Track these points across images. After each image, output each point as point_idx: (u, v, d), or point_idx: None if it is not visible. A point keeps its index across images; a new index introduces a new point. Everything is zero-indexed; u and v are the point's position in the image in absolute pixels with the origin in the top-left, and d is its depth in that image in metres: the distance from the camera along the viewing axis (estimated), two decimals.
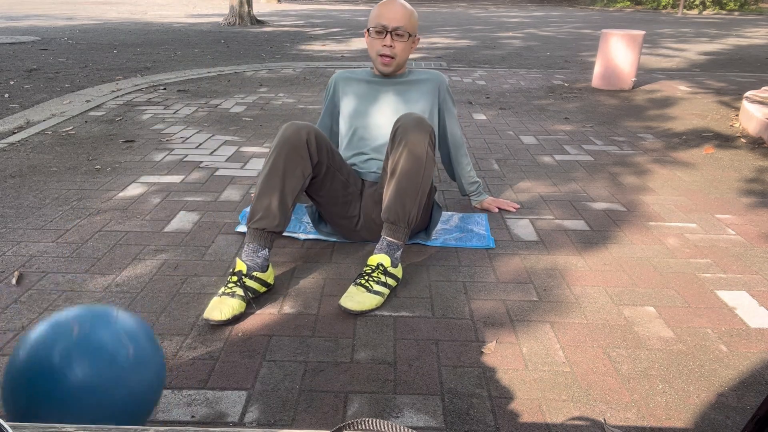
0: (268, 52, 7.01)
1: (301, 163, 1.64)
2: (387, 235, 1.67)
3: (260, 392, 1.27)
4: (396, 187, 1.63)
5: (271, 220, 1.61)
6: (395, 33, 1.83)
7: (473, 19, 13.08)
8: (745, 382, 1.33)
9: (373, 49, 1.89)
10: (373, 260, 1.64)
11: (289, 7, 16.16)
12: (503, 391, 1.29)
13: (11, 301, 1.60)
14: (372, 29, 1.86)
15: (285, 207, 1.63)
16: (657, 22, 13.04)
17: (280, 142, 1.64)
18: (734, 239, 2.07)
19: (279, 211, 1.61)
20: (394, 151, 1.66)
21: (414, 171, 1.62)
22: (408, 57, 1.93)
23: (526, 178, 2.68)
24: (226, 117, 3.71)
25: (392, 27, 1.82)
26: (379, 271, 1.61)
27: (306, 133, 1.65)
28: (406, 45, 1.88)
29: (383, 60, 1.88)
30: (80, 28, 9.10)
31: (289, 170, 1.62)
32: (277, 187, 1.61)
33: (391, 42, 1.84)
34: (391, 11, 1.82)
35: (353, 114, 1.99)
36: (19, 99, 4.18)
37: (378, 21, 1.83)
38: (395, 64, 1.90)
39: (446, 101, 2.06)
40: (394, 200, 1.63)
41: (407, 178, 1.62)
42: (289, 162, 1.62)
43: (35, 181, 2.49)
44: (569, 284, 1.75)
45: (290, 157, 1.63)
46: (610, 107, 4.23)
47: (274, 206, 1.61)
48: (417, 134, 1.62)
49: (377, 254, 1.65)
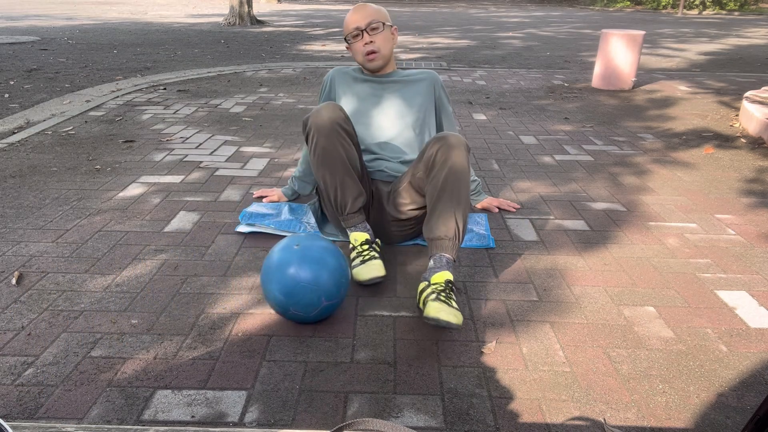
0: (268, 52, 7.01)
1: (349, 136, 1.76)
2: (445, 252, 1.60)
3: (260, 392, 1.27)
4: (447, 203, 1.61)
5: (360, 198, 1.77)
6: (369, 28, 1.88)
7: (473, 19, 13.08)
8: (745, 382, 1.33)
9: (357, 53, 1.94)
10: (439, 278, 1.54)
11: (289, 7, 16.16)
12: (503, 391, 1.29)
13: (11, 301, 1.60)
14: (349, 36, 1.92)
15: (359, 177, 1.79)
16: (657, 22, 13.04)
17: (320, 132, 1.72)
18: (734, 239, 2.07)
19: (360, 186, 1.78)
20: (439, 169, 1.63)
21: (463, 186, 1.62)
22: (392, 49, 1.96)
23: (526, 178, 2.68)
24: (226, 117, 3.71)
25: (364, 24, 1.88)
26: (449, 288, 1.53)
27: (336, 118, 1.74)
28: (385, 36, 1.92)
29: (369, 57, 1.92)
30: (80, 28, 9.10)
31: (345, 146, 1.74)
32: (345, 168, 1.73)
33: (370, 38, 1.89)
34: (357, 14, 1.89)
35: (353, 114, 2.00)
36: (19, 99, 4.18)
37: (350, 26, 1.90)
38: (381, 57, 1.93)
39: (441, 99, 2.07)
40: (447, 217, 1.60)
41: (458, 195, 1.61)
42: (341, 139, 1.73)
43: (35, 181, 2.49)
44: (569, 284, 1.75)
45: (340, 138, 1.73)
46: (610, 107, 4.23)
47: (356, 186, 1.76)
48: (458, 151, 1.63)
49: (441, 271, 1.56)
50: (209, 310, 1.58)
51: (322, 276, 1.45)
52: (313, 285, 1.44)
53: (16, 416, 1.19)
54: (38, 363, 1.35)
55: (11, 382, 1.28)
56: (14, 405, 1.22)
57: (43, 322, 1.51)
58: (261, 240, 2.00)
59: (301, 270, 1.44)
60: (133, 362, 1.36)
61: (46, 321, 1.51)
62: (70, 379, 1.30)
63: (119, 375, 1.32)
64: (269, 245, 1.97)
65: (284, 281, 1.44)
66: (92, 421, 1.18)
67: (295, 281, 1.43)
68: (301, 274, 1.43)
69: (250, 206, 2.24)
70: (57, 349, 1.40)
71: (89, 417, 1.19)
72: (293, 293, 1.43)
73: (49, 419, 1.19)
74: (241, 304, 1.62)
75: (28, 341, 1.43)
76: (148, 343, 1.44)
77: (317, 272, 1.45)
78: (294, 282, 1.43)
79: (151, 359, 1.37)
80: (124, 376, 1.31)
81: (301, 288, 1.43)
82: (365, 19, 1.88)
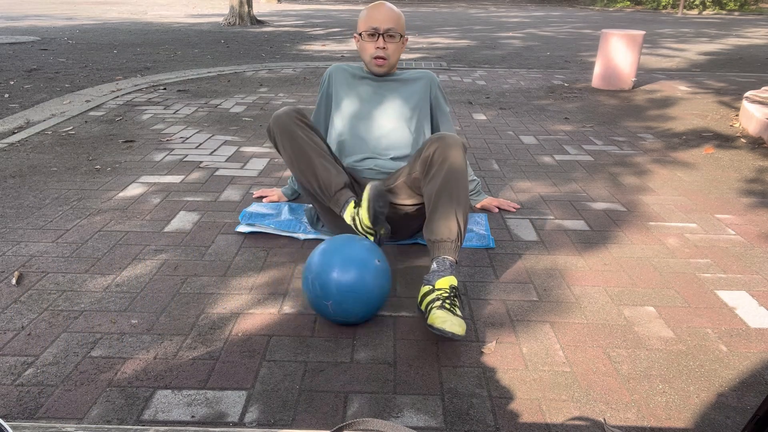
0: (268, 52, 7.01)
1: (312, 129, 1.82)
2: (448, 254, 1.57)
3: (260, 392, 1.27)
4: (447, 205, 1.59)
5: (340, 176, 1.75)
6: (387, 35, 1.86)
7: (473, 19, 13.08)
8: (745, 382, 1.33)
9: (365, 52, 1.91)
10: (444, 283, 1.51)
11: (289, 7, 16.16)
12: (503, 391, 1.29)
13: (11, 301, 1.60)
14: (364, 33, 1.88)
15: (335, 162, 1.81)
16: (657, 22, 13.04)
17: (280, 127, 1.77)
18: (734, 239, 2.07)
19: (338, 166, 1.79)
20: (438, 170, 1.62)
21: (462, 186, 1.61)
22: (399, 57, 1.95)
23: (526, 178, 2.68)
24: (226, 117, 3.71)
25: (384, 29, 1.85)
26: (453, 294, 1.50)
27: (296, 110, 1.81)
28: (398, 46, 1.92)
29: (377, 62, 1.90)
30: (80, 28, 9.10)
31: (309, 136, 1.78)
32: (315, 152, 1.76)
33: (384, 44, 1.87)
34: (381, 13, 1.85)
35: (349, 112, 2.00)
36: (19, 99, 4.18)
37: (369, 24, 1.86)
38: (389, 65, 1.93)
39: (438, 99, 2.07)
40: (449, 218, 1.58)
41: (457, 195, 1.60)
42: (303, 132, 1.77)
43: (35, 181, 2.49)
44: (569, 284, 1.75)
45: (301, 127, 1.78)
46: (610, 107, 4.23)
47: (333, 166, 1.76)
48: (455, 151, 1.62)
49: (445, 276, 1.53)
50: (209, 310, 1.59)
51: (357, 304, 1.46)
52: (341, 303, 1.45)
53: (16, 416, 1.19)
54: (38, 363, 1.35)
55: (11, 382, 1.28)
56: (14, 405, 1.22)
57: (43, 322, 1.51)
58: (261, 240, 2.00)
59: (359, 290, 1.45)
60: (133, 362, 1.36)
61: (46, 321, 1.51)
62: (70, 379, 1.30)
63: (119, 375, 1.31)
64: (269, 245, 1.97)
65: (345, 284, 1.44)
66: (92, 421, 1.18)
67: (347, 290, 1.44)
68: (355, 289, 1.44)
69: (250, 206, 2.24)
70: (57, 349, 1.40)
71: (89, 417, 1.19)
72: (341, 299, 1.45)
73: (49, 419, 1.19)
74: (241, 304, 1.62)
75: (28, 341, 1.43)
76: (148, 343, 1.44)
77: (359, 299, 1.46)
78: (346, 290, 1.44)
79: (151, 359, 1.37)
80: (124, 376, 1.31)
81: (338, 299, 1.45)
82: (386, 24, 1.85)
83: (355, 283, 1.43)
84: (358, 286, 1.43)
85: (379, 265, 1.48)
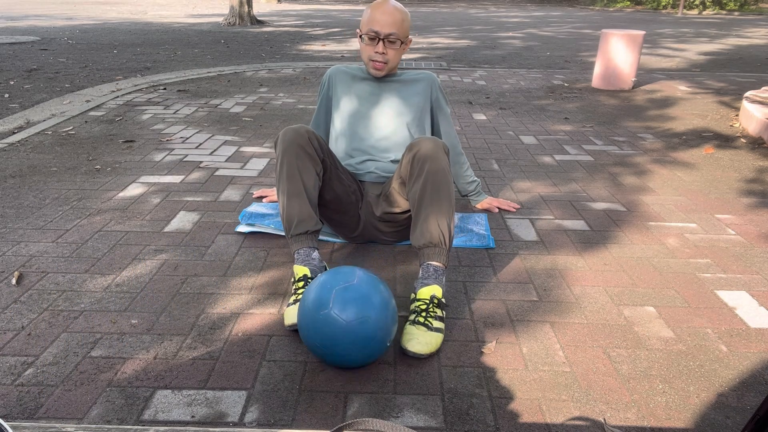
0: (268, 52, 7.01)
1: (311, 160, 1.67)
2: (431, 261, 1.54)
3: (260, 392, 1.27)
4: (428, 209, 1.57)
5: (309, 222, 1.64)
6: (387, 40, 1.82)
7: (473, 19, 13.08)
8: (745, 382, 1.33)
9: (365, 54, 1.89)
10: (425, 293, 1.49)
11: (289, 7, 16.16)
12: (503, 391, 1.29)
13: (11, 301, 1.60)
14: (365, 35, 1.84)
15: (314, 204, 1.67)
16: (657, 22, 13.04)
17: (286, 146, 1.65)
18: (734, 239, 2.07)
19: (312, 210, 1.65)
20: (417, 177, 1.61)
21: (443, 190, 1.58)
22: (400, 60, 1.93)
23: (526, 178, 2.68)
24: (226, 117, 3.71)
25: (385, 34, 1.80)
26: (433, 305, 1.48)
27: (306, 131, 1.68)
28: (398, 51, 1.88)
29: (375, 65, 1.87)
30: (80, 28, 9.10)
31: (303, 170, 1.65)
32: (300, 189, 1.64)
33: (384, 49, 1.83)
34: (384, 16, 1.80)
35: (349, 113, 2.00)
36: (19, 99, 4.18)
37: (371, 27, 1.81)
38: (387, 69, 1.90)
39: (439, 100, 2.07)
40: (430, 223, 1.56)
41: (438, 200, 1.57)
42: (300, 162, 1.65)
43: (35, 181, 2.49)
44: (569, 284, 1.75)
45: (300, 156, 1.65)
46: (610, 107, 4.23)
47: (305, 208, 1.64)
48: (435, 154, 1.59)
49: (427, 286, 1.50)
50: (209, 310, 1.59)
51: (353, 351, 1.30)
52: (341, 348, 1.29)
53: (16, 416, 1.19)
54: (38, 363, 1.35)
55: (11, 382, 1.28)
56: (14, 405, 1.22)
57: (43, 322, 1.51)
58: (261, 240, 2.00)
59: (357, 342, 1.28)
60: (133, 362, 1.36)
61: (46, 321, 1.51)
62: (70, 379, 1.30)
63: (119, 375, 1.32)
64: (269, 245, 1.97)
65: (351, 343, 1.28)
66: (92, 421, 1.18)
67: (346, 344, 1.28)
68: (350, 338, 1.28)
69: (250, 206, 2.24)
70: (57, 349, 1.40)
71: (89, 417, 1.19)
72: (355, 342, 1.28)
73: (49, 419, 1.19)
74: (241, 304, 1.62)
75: (28, 341, 1.43)
76: (148, 343, 1.44)
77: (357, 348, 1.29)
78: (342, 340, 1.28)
79: (151, 359, 1.37)
80: (124, 376, 1.31)
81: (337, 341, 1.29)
82: (388, 28, 1.80)
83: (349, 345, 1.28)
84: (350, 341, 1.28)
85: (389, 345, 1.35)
